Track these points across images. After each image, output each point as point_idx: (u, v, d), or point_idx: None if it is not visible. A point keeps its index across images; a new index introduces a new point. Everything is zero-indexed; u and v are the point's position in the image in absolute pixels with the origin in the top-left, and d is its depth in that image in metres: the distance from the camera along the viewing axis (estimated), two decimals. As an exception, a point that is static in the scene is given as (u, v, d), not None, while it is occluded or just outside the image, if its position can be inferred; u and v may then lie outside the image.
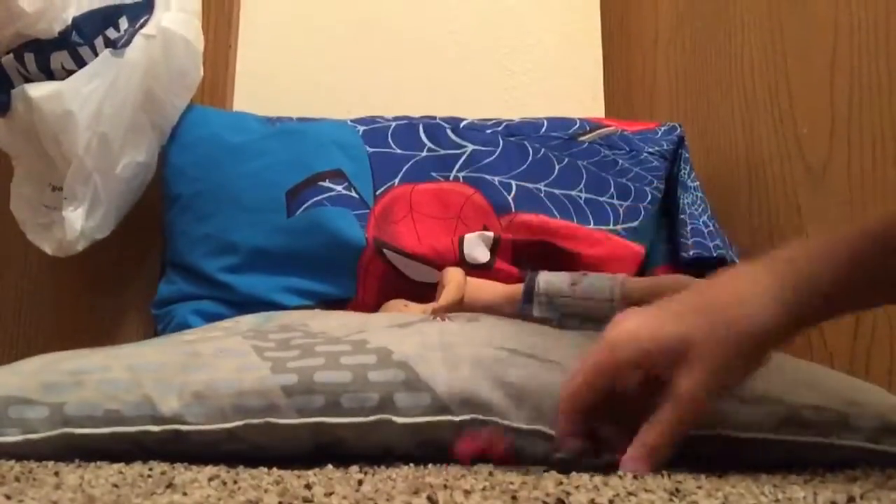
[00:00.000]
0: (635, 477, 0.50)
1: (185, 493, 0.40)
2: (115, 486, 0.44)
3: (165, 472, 0.50)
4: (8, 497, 0.38)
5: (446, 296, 0.78)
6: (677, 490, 0.44)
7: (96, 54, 0.89)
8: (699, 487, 0.46)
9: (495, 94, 1.30)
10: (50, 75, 0.88)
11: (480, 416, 0.56)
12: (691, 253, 0.91)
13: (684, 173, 1.02)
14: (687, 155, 1.04)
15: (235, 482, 0.46)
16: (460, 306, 0.79)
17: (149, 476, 0.48)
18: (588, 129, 1.04)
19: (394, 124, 1.01)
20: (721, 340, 0.51)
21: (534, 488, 0.44)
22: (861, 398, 0.60)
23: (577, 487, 0.44)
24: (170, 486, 0.44)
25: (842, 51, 0.91)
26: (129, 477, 0.47)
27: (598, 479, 0.49)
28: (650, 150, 1.02)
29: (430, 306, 0.79)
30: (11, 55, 0.87)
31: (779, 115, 1.01)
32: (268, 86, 1.22)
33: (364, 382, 0.56)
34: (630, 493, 0.43)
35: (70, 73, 0.87)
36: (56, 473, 0.48)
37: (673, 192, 1.00)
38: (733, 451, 0.58)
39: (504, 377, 0.57)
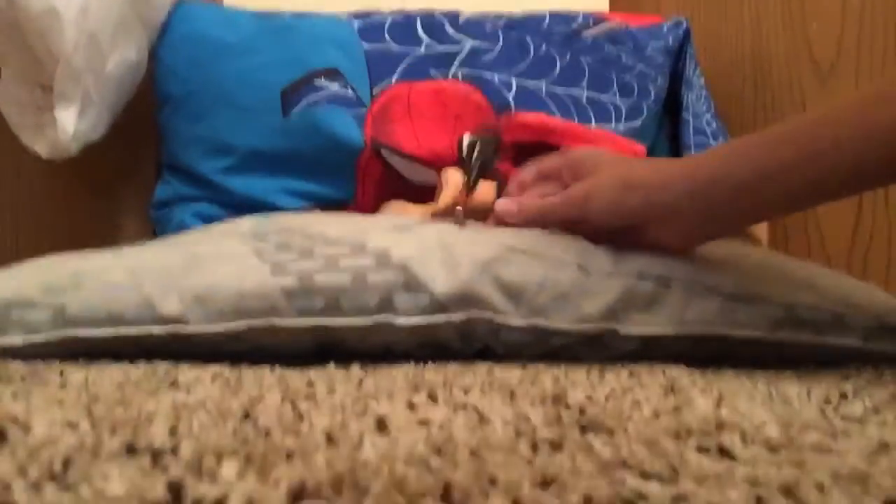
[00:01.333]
0: (631, 374, 0.51)
1: (188, 391, 0.41)
2: (120, 384, 0.44)
3: (169, 371, 0.50)
4: (14, 395, 0.39)
5: (444, 197, 0.78)
6: (672, 387, 0.45)
7: (78, -54, 0.85)
8: (693, 384, 0.46)
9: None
10: (31, -31, 0.85)
11: (477, 314, 0.57)
12: (692, 152, 0.90)
13: (689, 70, 0.99)
14: (692, 51, 1.01)
15: (238, 380, 0.46)
16: (462, 204, 0.78)
17: (153, 375, 0.48)
18: (591, 23, 1.01)
19: (390, 19, 0.97)
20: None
21: (531, 385, 0.44)
22: (857, 298, 0.61)
23: (573, 384, 0.45)
24: (174, 384, 0.44)
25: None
26: (134, 376, 0.48)
27: (594, 376, 0.50)
28: (655, 45, 0.99)
29: (429, 207, 0.79)
30: (-11, -53, 0.83)
31: (788, 11, 0.98)
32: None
33: (363, 284, 0.56)
34: (626, 390, 0.43)
35: (52, -34, 0.84)
36: (61, 373, 0.49)
37: (677, 89, 0.98)
38: (730, 351, 0.59)
39: (502, 275, 0.58)
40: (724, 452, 0.29)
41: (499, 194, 0.74)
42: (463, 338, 0.58)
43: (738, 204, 0.54)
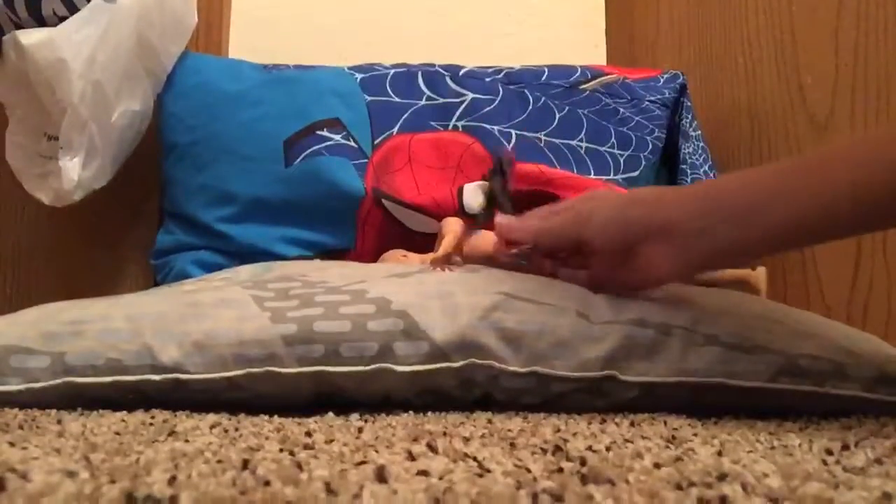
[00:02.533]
0: (632, 424, 0.51)
1: (186, 441, 0.41)
2: (118, 433, 0.44)
3: (167, 419, 0.50)
4: (12, 444, 0.38)
5: (444, 246, 0.78)
6: (673, 437, 0.45)
7: (88, 0, 0.87)
8: (695, 434, 0.46)
9: (496, 41, 1.28)
10: (41, 22, 0.87)
11: (478, 361, 0.57)
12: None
13: (686, 122, 1.01)
14: (689, 104, 1.03)
15: (237, 429, 0.46)
16: (459, 256, 0.79)
17: (151, 424, 0.48)
18: (589, 76, 1.03)
19: (392, 72, 0.99)
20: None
21: (532, 435, 0.44)
22: (858, 348, 0.61)
23: (574, 434, 0.45)
24: (172, 433, 0.44)
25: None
26: (132, 425, 0.47)
27: (595, 426, 0.49)
28: (652, 98, 1.01)
29: (428, 256, 0.79)
30: (1, 1, 0.85)
31: (783, 64, 1.00)
32: (263, 32, 1.20)
33: (363, 331, 0.56)
34: (627, 440, 0.43)
35: (62, 19, 0.86)
36: (59, 421, 0.48)
37: (674, 141, 0.99)
38: (730, 401, 0.59)
39: (501, 322, 0.58)
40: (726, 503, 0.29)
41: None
42: (462, 385, 0.58)
43: (741, 226, 0.52)
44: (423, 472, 0.33)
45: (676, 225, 0.53)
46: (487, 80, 1.00)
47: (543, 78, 1.02)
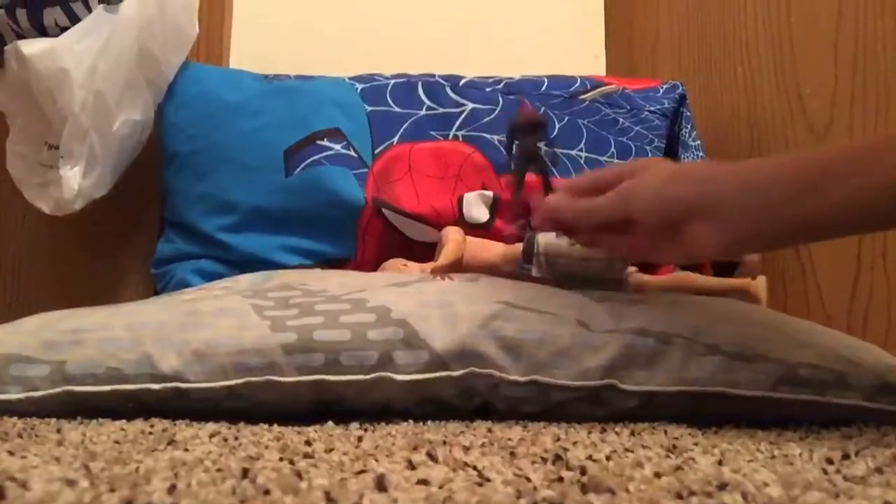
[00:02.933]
0: (632, 433, 0.51)
1: (186, 450, 0.41)
2: (117, 442, 0.44)
3: (167, 428, 0.50)
4: (11, 453, 0.38)
5: (445, 255, 0.78)
6: (674, 446, 0.45)
7: (90, 10, 0.87)
8: (696, 444, 0.46)
9: (495, 51, 1.28)
10: (43, 32, 0.87)
11: (477, 370, 0.56)
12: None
13: (685, 132, 1.01)
14: (689, 114, 1.03)
15: (236, 438, 0.46)
16: (459, 266, 0.79)
17: (150, 433, 0.48)
18: (589, 87, 1.03)
19: (392, 82, 0.99)
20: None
21: (532, 444, 0.44)
22: (858, 357, 0.61)
23: (574, 443, 0.45)
24: (171, 442, 0.44)
25: (847, 10, 0.89)
26: (131, 434, 0.47)
27: (595, 435, 0.49)
28: (651, 108, 1.01)
29: (428, 266, 0.79)
30: (3, 11, 0.85)
31: (782, 74, 1.00)
32: (264, 42, 1.21)
33: (363, 340, 0.56)
34: (627, 450, 0.43)
35: (64, 29, 0.86)
36: (58, 430, 0.48)
37: (674, 151, 1.00)
38: (731, 410, 0.59)
39: (501, 331, 0.58)
40: (727, 513, 0.29)
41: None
42: (462, 394, 0.58)
43: (790, 205, 0.50)
44: (423, 481, 0.32)
45: (722, 203, 0.52)
46: (487, 90, 1.00)
47: (543, 88, 1.02)
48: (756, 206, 0.51)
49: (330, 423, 0.54)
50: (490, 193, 0.89)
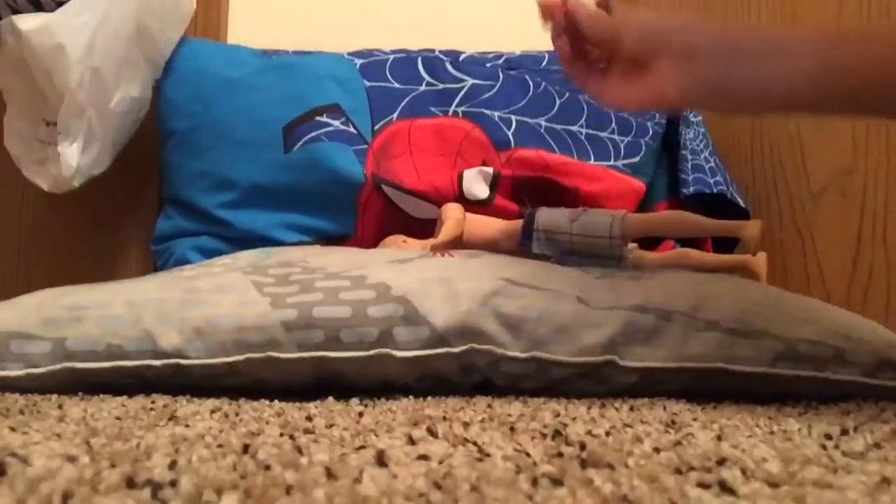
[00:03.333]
0: (631, 409, 0.51)
1: (187, 426, 0.41)
2: (118, 418, 0.44)
3: (168, 404, 0.50)
4: (13, 429, 0.39)
5: (445, 232, 0.78)
6: (673, 422, 0.45)
7: (86, -16, 0.86)
8: (695, 419, 0.46)
9: (495, 26, 1.27)
10: (39, 7, 0.86)
11: (478, 346, 0.57)
12: (691, 189, 0.91)
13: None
14: (690, 89, 1.02)
15: (237, 414, 0.46)
16: (459, 242, 0.79)
17: (151, 409, 0.48)
18: (590, 62, 1.02)
19: (392, 57, 0.99)
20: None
21: (532, 420, 0.44)
22: (857, 333, 0.61)
23: (574, 419, 0.45)
24: (172, 418, 0.44)
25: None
26: (132, 410, 0.47)
27: (595, 410, 0.50)
28: (652, 84, 1.00)
29: (428, 242, 0.79)
30: (-1, -15, 0.85)
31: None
32: (262, 18, 1.20)
33: (363, 317, 0.56)
34: (626, 425, 0.43)
35: (60, 4, 0.85)
36: (60, 406, 0.49)
37: (675, 127, 0.99)
38: (730, 386, 0.59)
39: (501, 308, 0.58)
40: (725, 488, 0.29)
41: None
42: (463, 370, 0.58)
43: (760, 69, 0.50)
44: (423, 457, 0.33)
45: (696, 48, 0.53)
46: (487, 65, 0.99)
47: (544, 63, 1.01)
48: (725, 61, 0.52)
49: (331, 398, 0.54)
50: (490, 170, 0.89)
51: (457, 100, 0.95)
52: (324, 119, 0.92)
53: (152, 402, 0.51)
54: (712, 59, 0.52)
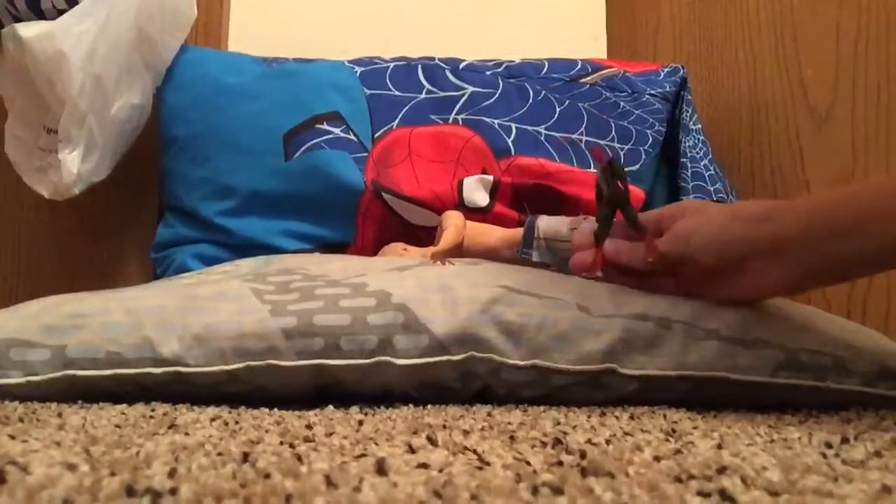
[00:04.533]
0: (631, 417, 0.51)
1: (187, 434, 0.41)
2: (118, 426, 0.44)
3: (168, 412, 0.50)
4: (12, 437, 0.38)
5: (445, 239, 0.78)
6: (673, 430, 0.45)
7: (87, -7, 0.87)
8: (695, 428, 0.46)
9: (495, 34, 1.28)
10: (41, 15, 0.87)
11: (478, 354, 0.57)
12: (691, 197, 0.91)
13: (686, 116, 1.00)
14: (689, 97, 1.03)
15: (237, 422, 0.46)
16: (459, 250, 0.79)
17: (151, 417, 0.48)
18: (590, 70, 1.03)
19: (392, 65, 0.99)
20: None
21: (532, 428, 0.44)
22: (858, 342, 0.61)
23: (574, 427, 0.45)
24: (172, 426, 0.44)
25: (850, -9, 0.89)
26: (132, 418, 0.47)
27: (595, 419, 0.49)
28: (652, 91, 1.01)
29: (429, 250, 0.79)
30: (0, -6, 0.85)
31: (783, 57, 0.99)
32: (263, 25, 1.20)
33: (363, 325, 0.56)
34: (626, 433, 0.43)
35: (61, 12, 0.86)
36: (59, 414, 0.49)
37: (674, 134, 0.99)
38: (730, 395, 0.59)
39: (501, 315, 0.58)
40: (726, 496, 0.29)
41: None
42: (463, 378, 0.58)
43: (851, 239, 0.50)
44: (423, 465, 0.33)
45: (785, 240, 0.53)
46: (487, 73, 1.00)
47: (544, 71, 1.01)
48: (816, 243, 0.52)
49: (330, 407, 0.54)
50: (490, 177, 0.89)
51: (457, 107, 0.95)
52: (324, 127, 0.92)
53: (152, 411, 0.51)
54: (804, 249, 0.52)
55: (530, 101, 0.97)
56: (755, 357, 0.58)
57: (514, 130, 0.93)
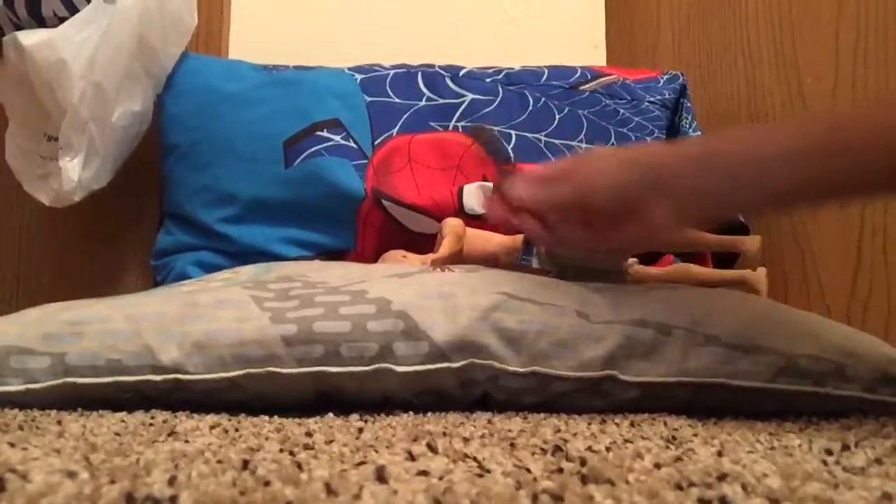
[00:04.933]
0: (632, 424, 0.51)
1: (186, 441, 0.41)
2: (118, 434, 0.44)
3: (167, 420, 0.50)
4: (12, 445, 0.38)
5: (445, 246, 0.78)
6: (674, 437, 0.45)
7: (89, 1, 0.87)
8: (695, 435, 0.46)
9: (495, 41, 1.28)
10: (42, 22, 0.87)
11: (478, 361, 0.57)
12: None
13: (686, 123, 1.01)
14: (689, 104, 1.03)
15: (237, 430, 0.46)
16: (459, 257, 0.79)
17: (151, 424, 0.48)
18: (589, 77, 1.03)
19: (392, 73, 0.99)
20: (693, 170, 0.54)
21: (532, 435, 0.44)
22: (858, 349, 0.61)
23: (574, 435, 0.45)
24: (172, 434, 0.44)
25: (848, 0, 0.89)
26: (132, 425, 0.47)
27: (595, 426, 0.49)
28: (651, 99, 1.01)
29: (428, 257, 0.79)
30: (1, 1, 0.85)
31: (783, 64, 1.00)
32: (263, 33, 1.20)
33: (363, 332, 0.56)
34: (627, 441, 0.43)
35: (62, 20, 0.86)
36: (59, 422, 0.48)
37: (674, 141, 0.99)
38: (730, 401, 0.59)
39: (501, 322, 0.58)
40: (726, 504, 0.29)
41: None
42: (463, 385, 0.58)
43: (739, 185, 0.52)
44: (423, 473, 0.33)
45: (674, 184, 0.54)
46: (487, 80, 1.00)
47: (543, 79, 1.02)
48: (704, 187, 0.53)
49: (330, 414, 0.54)
50: (490, 185, 0.89)
51: (457, 115, 0.95)
52: (324, 134, 0.92)
53: (152, 418, 0.51)
54: (692, 191, 0.54)
55: (530, 108, 0.97)
56: (755, 363, 0.58)
57: (514, 137, 0.93)
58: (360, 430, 0.46)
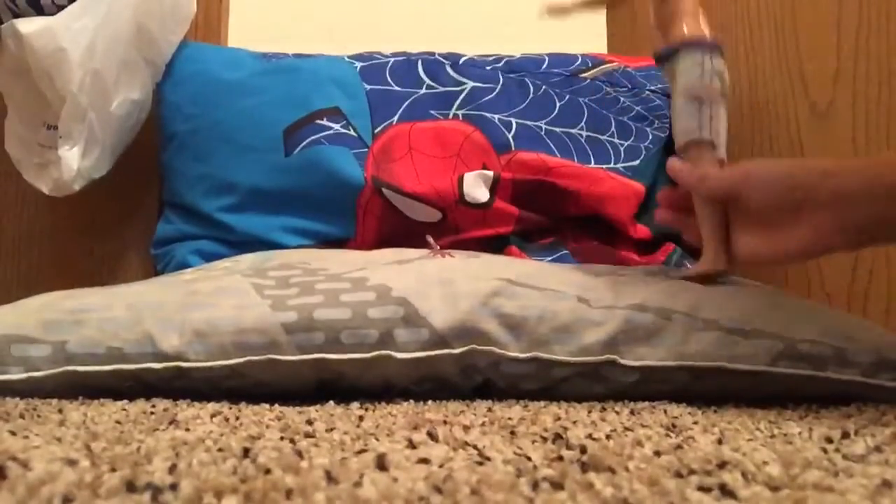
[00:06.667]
0: (632, 412, 0.51)
1: (187, 429, 0.41)
2: (119, 422, 0.44)
3: (168, 408, 0.50)
4: (13, 433, 0.39)
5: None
6: (674, 425, 0.45)
7: (86, -12, 0.86)
8: (695, 423, 0.46)
9: (495, 29, 1.27)
10: (40, 10, 0.86)
11: (478, 347, 0.57)
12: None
13: (687, 111, 1.00)
14: (690, 92, 1.02)
15: (238, 418, 0.46)
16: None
17: (152, 413, 0.48)
18: (590, 65, 1.02)
19: (392, 60, 0.99)
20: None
21: (532, 423, 0.44)
22: (857, 334, 0.61)
23: (574, 422, 0.45)
24: (172, 422, 0.44)
25: (850, -15, 0.89)
26: (133, 413, 0.47)
27: (595, 414, 0.50)
28: (653, 87, 1.00)
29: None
30: (-1, -11, 0.85)
31: (784, 52, 0.99)
32: (262, 21, 1.20)
33: (364, 319, 0.56)
34: (627, 428, 0.43)
35: (60, 7, 0.85)
36: (60, 410, 0.49)
37: (675, 130, 0.99)
38: (730, 386, 0.59)
39: (501, 308, 0.58)
40: (726, 491, 0.29)
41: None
42: (463, 371, 0.58)
43: None
44: (424, 460, 0.33)
45: (846, 196, 0.51)
46: (488, 68, 1.00)
47: (544, 66, 1.01)
48: (874, 201, 0.50)
49: (331, 402, 0.54)
50: (490, 173, 0.89)
51: (457, 103, 0.95)
52: (324, 122, 0.92)
53: (152, 406, 0.51)
54: (863, 205, 0.50)
55: (530, 95, 0.96)
56: (754, 347, 0.58)
57: (514, 125, 0.93)
58: (361, 419, 0.46)
